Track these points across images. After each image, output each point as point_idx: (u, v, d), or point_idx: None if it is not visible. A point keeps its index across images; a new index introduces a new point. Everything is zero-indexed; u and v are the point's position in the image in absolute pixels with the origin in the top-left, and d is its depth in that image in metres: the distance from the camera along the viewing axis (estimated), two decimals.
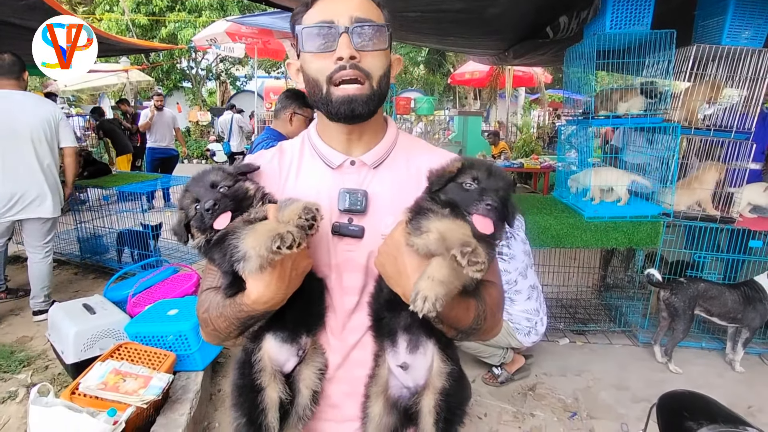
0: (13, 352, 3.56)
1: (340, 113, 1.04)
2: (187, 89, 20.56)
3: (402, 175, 1.12)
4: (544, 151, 10.77)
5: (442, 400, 1.02)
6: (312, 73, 1.05)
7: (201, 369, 3.03)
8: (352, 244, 1.09)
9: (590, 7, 3.49)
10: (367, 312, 1.10)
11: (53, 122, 3.90)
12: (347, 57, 1.00)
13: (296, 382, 1.09)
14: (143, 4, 16.85)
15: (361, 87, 1.02)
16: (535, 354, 3.71)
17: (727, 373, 3.64)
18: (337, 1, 1.03)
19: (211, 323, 1.05)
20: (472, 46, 6.21)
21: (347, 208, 1.08)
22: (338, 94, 1.02)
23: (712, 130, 3.62)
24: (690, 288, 3.55)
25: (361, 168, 1.13)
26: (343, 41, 0.99)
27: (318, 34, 1.02)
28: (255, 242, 0.87)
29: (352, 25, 1.00)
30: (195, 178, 1.02)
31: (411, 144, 1.22)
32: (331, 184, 1.11)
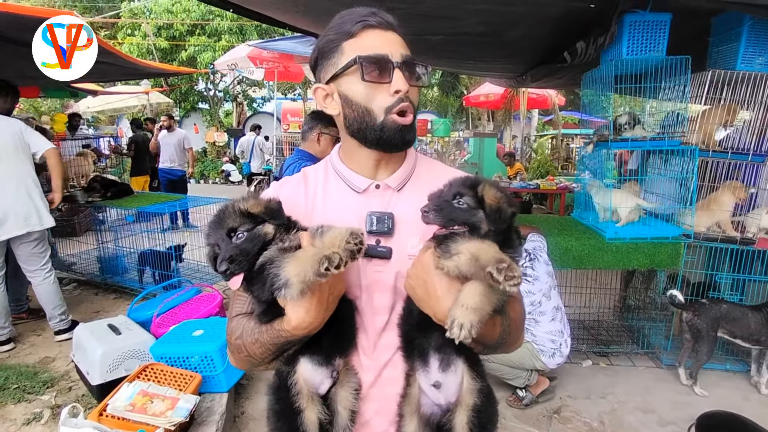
0: (37, 373, 3.60)
1: (394, 141, 1.09)
2: (204, 111, 20.91)
3: (423, 196, 1.10)
4: (559, 172, 10.76)
5: (474, 416, 1.05)
6: (363, 102, 1.08)
7: (226, 391, 3.05)
8: (380, 265, 1.12)
9: (607, 34, 3.53)
10: (397, 333, 1.13)
11: (21, 134, 3.91)
12: (405, 91, 1.05)
13: (333, 403, 1.10)
14: (164, 29, 17.29)
15: (410, 117, 1.09)
16: (558, 376, 3.69)
17: (753, 396, 3.60)
18: (384, 35, 1.07)
19: (245, 349, 1.07)
20: (490, 69, 6.30)
21: (375, 231, 1.11)
22: (394, 123, 1.07)
23: (730, 152, 3.64)
24: (712, 309, 3.53)
25: (386, 191, 1.17)
26: (399, 75, 1.05)
27: (375, 64, 1.05)
28: (299, 268, 0.89)
29: (403, 60, 1.06)
30: (215, 222, 1.02)
31: (430, 165, 1.26)
32: (357, 208, 1.14)
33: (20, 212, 3.89)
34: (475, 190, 1.00)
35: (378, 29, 1.07)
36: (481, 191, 1.00)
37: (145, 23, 16.96)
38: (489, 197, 0.98)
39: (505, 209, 0.97)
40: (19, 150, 3.91)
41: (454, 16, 3.56)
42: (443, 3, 3.28)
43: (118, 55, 5.32)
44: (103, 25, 17.53)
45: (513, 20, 3.69)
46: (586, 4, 3.17)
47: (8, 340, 4.06)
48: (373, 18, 1.06)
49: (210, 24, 17.31)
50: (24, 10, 3.94)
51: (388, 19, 1.08)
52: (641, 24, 3.39)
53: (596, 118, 4.48)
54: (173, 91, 18.35)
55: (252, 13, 4.12)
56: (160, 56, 16.58)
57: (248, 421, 3.25)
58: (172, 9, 16.95)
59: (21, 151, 3.92)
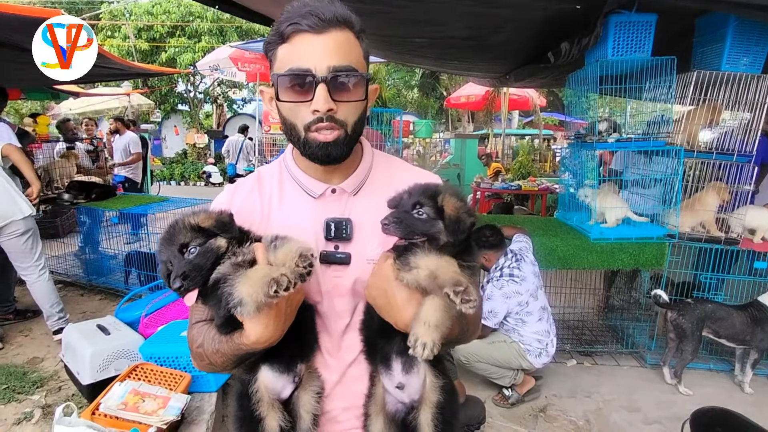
0: (26, 373, 3.57)
1: (317, 157, 1.06)
2: (184, 112, 20.72)
3: (382, 198, 1.10)
4: (540, 173, 10.90)
5: (438, 413, 1.07)
6: (288, 117, 1.05)
7: (215, 390, 3.02)
8: (339, 271, 1.11)
9: (591, 35, 3.58)
10: (359, 336, 1.14)
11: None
12: (324, 111, 0.99)
13: (296, 408, 1.11)
14: (144, 30, 17.12)
15: (338, 132, 1.03)
16: (544, 375, 3.73)
17: (737, 395, 3.67)
18: (315, 41, 0.98)
19: (206, 358, 1.07)
20: (474, 69, 6.35)
21: (333, 237, 1.11)
22: (314, 139, 1.03)
23: (715, 153, 3.72)
24: (697, 309, 3.60)
25: (342, 195, 1.15)
26: (321, 93, 0.98)
27: (293, 83, 1.00)
28: (250, 289, 0.89)
29: (330, 75, 0.98)
30: (166, 238, 0.99)
31: (388, 163, 1.24)
32: (314, 214, 1.13)
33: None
34: (435, 200, 1.00)
35: (309, 33, 0.98)
36: (441, 201, 0.99)
37: (125, 25, 16.75)
38: (449, 208, 0.98)
39: (465, 220, 0.98)
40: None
41: (439, 21, 3.58)
42: (428, 7, 3.30)
43: (107, 56, 5.24)
44: None
45: (498, 24, 3.72)
46: (572, 6, 3.21)
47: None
48: (305, 20, 0.97)
49: (190, 25, 17.22)
50: (4, 8, 3.85)
51: (326, 14, 0.98)
52: (626, 24, 3.43)
53: (578, 120, 4.55)
54: (153, 93, 18.15)
55: (241, 11, 4.09)
56: (140, 58, 16.43)
57: None
58: (152, 11, 16.82)
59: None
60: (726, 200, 3.73)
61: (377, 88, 1.17)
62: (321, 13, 0.97)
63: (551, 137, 18.10)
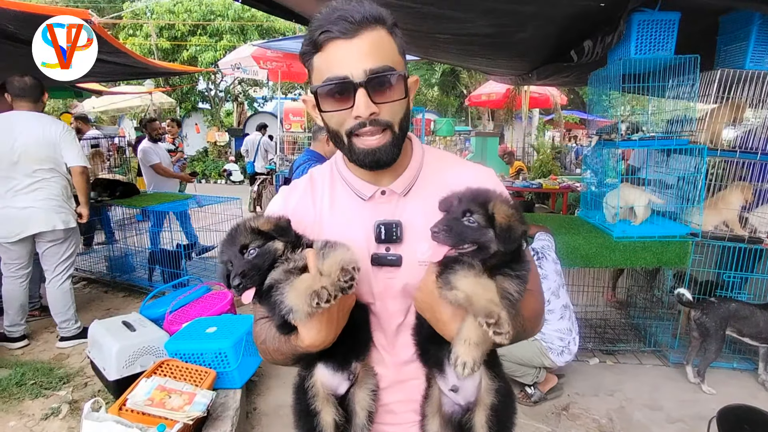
0: (52, 369, 3.64)
1: (365, 164, 1.06)
2: (205, 111, 20.94)
3: (432, 199, 1.09)
4: (562, 171, 10.80)
5: (493, 415, 1.08)
6: (332, 125, 1.05)
7: (239, 387, 3.09)
8: (391, 272, 1.12)
9: (615, 33, 3.55)
10: (412, 342, 1.15)
11: (55, 142, 3.85)
12: (366, 116, 0.99)
13: (351, 404, 1.14)
14: (166, 29, 17.34)
15: (383, 136, 1.02)
16: (566, 374, 3.72)
17: (760, 394, 3.62)
18: (348, 46, 0.97)
19: (269, 354, 1.13)
20: (497, 66, 6.31)
21: (383, 239, 1.11)
22: (361, 146, 1.03)
23: (738, 151, 3.67)
24: (721, 308, 3.56)
25: (392, 196, 1.14)
26: (361, 99, 0.97)
27: (332, 92, 1.00)
28: (296, 299, 0.92)
29: (367, 78, 0.97)
30: (227, 239, 1.03)
31: (439, 160, 1.22)
32: (365, 216, 1.13)
33: (38, 213, 3.85)
34: (485, 208, 0.97)
35: (341, 40, 0.97)
36: (492, 209, 0.97)
37: (147, 23, 16.99)
38: (500, 216, 0.96)
39: (516, 229, 0.95)
40: (49, 156, 3.85)
41: (463, 18, 3.58)
42: (452, 4, 3.30)
43: (129, 55, 5.32)
44: (105, 25, 17.54)
45: (522, 21, 3.71)
46: (597, 3, 3.18)
47: (22, 336, 4.09)
48: (335, 27, 0.96)
49: (211, 24, 17.37)
50: (34, 9, 3.93)
51: (355, 17, 0.96)
52: (650, 23, 3.40)
53: (600, 118, 4.51)
54: (174, 91, 18.40)
55: (264, 5, 4.11)
56: (161, 56, 16.64)
57: (260, 416, 3.28)
58: (173, 9, 17.01)
59: (53, 157, 3.87)
60: (749, 200, 3.67)
61: (417, 80, 1.16)
62: (350, 16, 0.96)
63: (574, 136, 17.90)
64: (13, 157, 3.76)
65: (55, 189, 3.91)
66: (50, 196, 3.89)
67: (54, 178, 3.90)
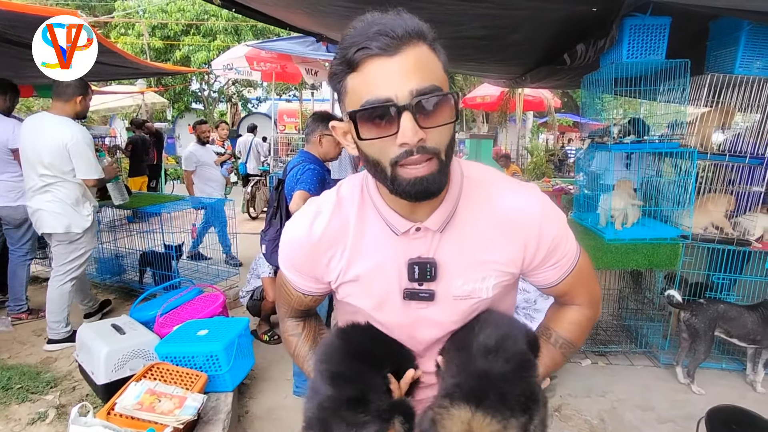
0: (39, 373, 3.59)
1: (411, 195, 0.93)
2: (198, 111, 20.86)
3: (470, 237, 1.05)
4: (555, 174, 10.85)
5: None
6: (372, 154, 0.93)
7: (231, 390, 3.07)
8: (423, 305, 1.09)
9: (607, 37, 3.58)
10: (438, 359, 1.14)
11: (64, 149, 3.80)
12: (414, 143, 0.86)
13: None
14: (158, 28, 17.25)
15: (431, 164, 0.90)
16: (558, 375, 3.73)
17: (749, 394, 3.65)
18: (389, 65, 0.85)
19: (300, 362, 1.25)
20: (490, 70, 6.34)
21: (417, 279, 1.05)
22: (406, 176, 0.90)
23: (728, 155, 3.71)
24: (710, 309, 3.59)
25: (427, 233, 1.05)
26: (406, 123, 0.84)
27: (375, 115, 0.87)
28: None
29: (413, 100, 0.84)
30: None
31: (479, 186, 1.08)
32: (397, 251, 1.06)
33: (44, 214, 3.90)
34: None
35: (382, 57, 0.84)
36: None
37: (140, 22, 16.89)
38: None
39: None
40: (57, 161, 3.82)
41: (456, 21, 3.59)
42: (446, 8, 3.31)
43: (122, 55, 5.29)
44: (96, 24, 17.44)
45: (515, 24, 3.72)
46: (588, 8, 3.21)
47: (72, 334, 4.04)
48: (375, 43, 0.84)
49: (205, 24, 17.29)
50: (23, 8, 3.90)
51: (398, 32, 0.84)
52: (641, 27, 3.43)
53: (593, 121, 4.55)
54: (167, 91, 18.31)
55: (255, 13, 4.14)
56: (154, 56, 16.54)
57: (253, 420, 3.26)
58: (166, 8, 16.91)
59: (60, 163, 3.83)
60: (730, 209, 3.78)
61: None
62: (391, 31, 0.84)
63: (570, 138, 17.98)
64: (30, 158, 3.85)
65: (62, 194, 3.89)
66: (56, 200, 3.89)
67: (60, 183, 3.88)
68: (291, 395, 3.50)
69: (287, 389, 3.56)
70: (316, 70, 8.80)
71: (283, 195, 3.37)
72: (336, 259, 1.09)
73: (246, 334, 3.35)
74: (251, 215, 9.80)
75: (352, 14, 3.65)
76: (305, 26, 4.82)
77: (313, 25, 4.71)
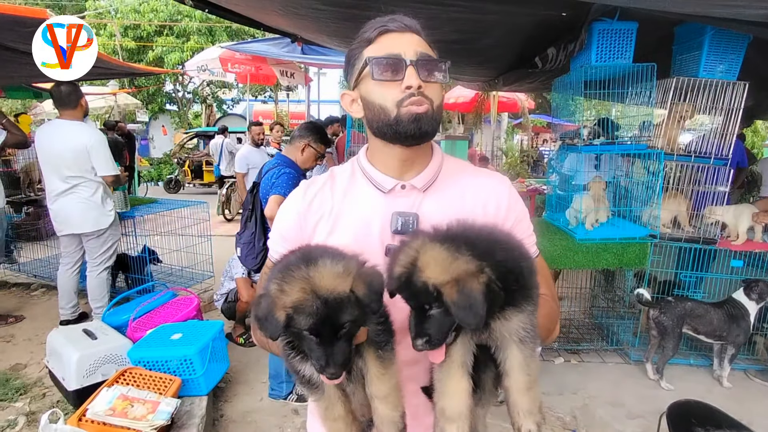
0: (9, 379, 3.52)
1: (409, 131, 1.10)
2: (173, 112, 20.57)
3: (449, 197, 1.18)
4: (530, 174, 11.00)
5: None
6: (378, 100, 1.12)
7: (205, 394, 3.05)
8: None
9: (576, 41, 3.66)
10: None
11: (85, 150, 4.05)
12: (416, 86, 1.08)
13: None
14: (131, 29, 16.97)
15: (426, 107, 1.10)
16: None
17: (716, 389, 3.77)
18: (401, 37, 1.12)
19: (267, 346, 1.20)
20: (463, 73, 6.40)
21: (399, 231, 1.13)
22: (407, 112, 1.09)
23: (693, 156, 3.81)
24: (678, 307, 3.69)
25: (412, 191, 1.18)
26: (411, 72, 1.08)
27: (387, 64, 1.10)
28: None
29: (417, 59, 1.09)
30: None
31: (457, 165, 1.28)
32: (383, 208, 1.17)
33: (74, 214, 4.16)
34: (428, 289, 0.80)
35: (395, 33, 1.13)
36: (434, 286, 0.80)
37: (112, 23, 16.60)
38: (445, 289, 0.79)
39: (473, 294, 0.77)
40: (78, 163, 4.07)
41: (427, 25, 3.61)
42: (418, 12, 3.32)
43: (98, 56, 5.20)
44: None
45: (486, 28, 3.77)
46: (558, 14, 3.27)
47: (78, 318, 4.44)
48: (392, 23, 1.13)
49: (178, 25, 17.08)
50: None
51: (406, 22, 1.14)
52: (609, 32, 3.51)
53: (565, 122, 4.63)
54: (140, 92, 18.02)
55: (228, 13, 4.12)
56: (126, 56, 16.25)
57: (228, 423, 3.24)
58: (139, 9, 16.66)
59: (82, 164, 4.08)
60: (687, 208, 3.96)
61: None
62: (404, 20, 1.14)
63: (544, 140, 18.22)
64: (53, 162, 4.07)
65: (87, 193, 4.16)
66: (82, 200, 4.15)
67: (84, 183, 4.13)
68: (266, 398, 3.49)
69: (263, 392, 3.55)
70: (292, 72, 8.78)
71: (258, 198, 3.36)
72: (324, 219, 1.19)
73: (220, 338, 3.33)
74: (226, 217, 9.73)
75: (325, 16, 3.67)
76: (280, 26, 4.81)
77: (288, 26, 4.70)
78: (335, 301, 0.80)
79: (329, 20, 3.77)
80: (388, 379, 0.95)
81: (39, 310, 4.94)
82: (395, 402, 0.97)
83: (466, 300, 0.77)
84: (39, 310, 4.94)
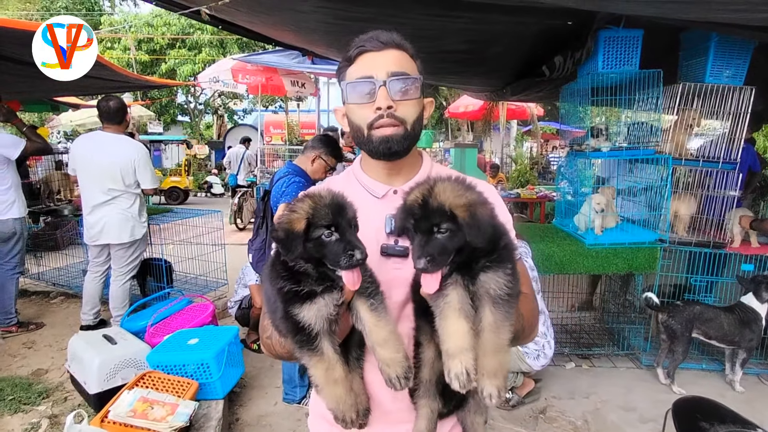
0: (31, 384, 3.61)
1: (380, 152, 1.20)
2: (185, 123, 20.84)
3: None
4: (539, 181, 11.01)
5: None
6: (356, 120, 1.21)
7: (221, 397, 3.11)
8: (399, 263, 1.21)
9: (583, 49, 3.72)
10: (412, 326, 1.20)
11: (131, 164, 4.20)
12: (384, 107, 1.15)
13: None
14: (144, 42, 17.28)
15: (397, 128, 1.18)
16: (543, 378, 3.81)
17: (728, 393, 3.76)
18: (376, 57, 1.18)
19: (273, 348, 1.22)
20: (471, 82, 6.47)
21: (393, 232, 1.17)
22: (377, 135, 1.18)
23: (701, 160, 3.84)
24: (686, 311, 3.70)
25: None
26: (381, 93, 1.15)
27: (359, 87, 1.18)
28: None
29: (388, 79, 1.15)
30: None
31: (445, 174, 1.28)
32: (377, 211, 1.23)
33: (111, 225, 4.25)
34: (443, 208, 0.92)
35: (372, 52, 1.18)
36: (449, 207, 0.91)
37: (126, 37, 16.92)
38: (459, 210, 0.91)
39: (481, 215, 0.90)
40: (121, 175, 4.19)
41: (437, 36, 3.69)
42: (427, 24, 3.40)
43: (112, 68, 5.34)
44: None
45: (493, 38, 3.84)
46: (564, 21, 3.34)
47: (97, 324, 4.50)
48: (369, 43, 1.18)
49: (190, 37, 17.37)
50: (6, 23, 3.94)
51: (383, 39, 1.18)
52: (615, 39, 3.57)
53: (573, 128, 4.67)
54: (153, 104, 18.30)
55: (242, 30, 4.23)
56: (140, 69, 16.57)
57: (243, 427, 3.30)
58: (152, 23, 16.97)
59: (125, 176, 4.20)
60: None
61: (432, 101, 1.33)
62: (380, 37, 1.18)
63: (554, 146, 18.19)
64: (95, 174, 4.18)
65: (126, 204, 4.29)
66: (121, 211, 4.25)
67: (124, 195, 4.26)
68: (281, 402, 3.55)
69: (277, 396, 3.61)
70: (303, 82, 8.89)
71: (269, 205, 3.44)
72: None
73: (236, 343, 3.40)
74: (238, 226, 9.83)
75: (336, 30, 3.79)
76: (291, 42, 4.92)
77: (300, 42, 4.81)
78: (339, 199, 1.01)
79: (341, 34, 3.85)
80: (384, 325, 1.03)
81: (58, 318, 5.04)
82: (395, 345, 1.03)
83: (477, 221, 0.90)
84: (58, 318, 5.04)
